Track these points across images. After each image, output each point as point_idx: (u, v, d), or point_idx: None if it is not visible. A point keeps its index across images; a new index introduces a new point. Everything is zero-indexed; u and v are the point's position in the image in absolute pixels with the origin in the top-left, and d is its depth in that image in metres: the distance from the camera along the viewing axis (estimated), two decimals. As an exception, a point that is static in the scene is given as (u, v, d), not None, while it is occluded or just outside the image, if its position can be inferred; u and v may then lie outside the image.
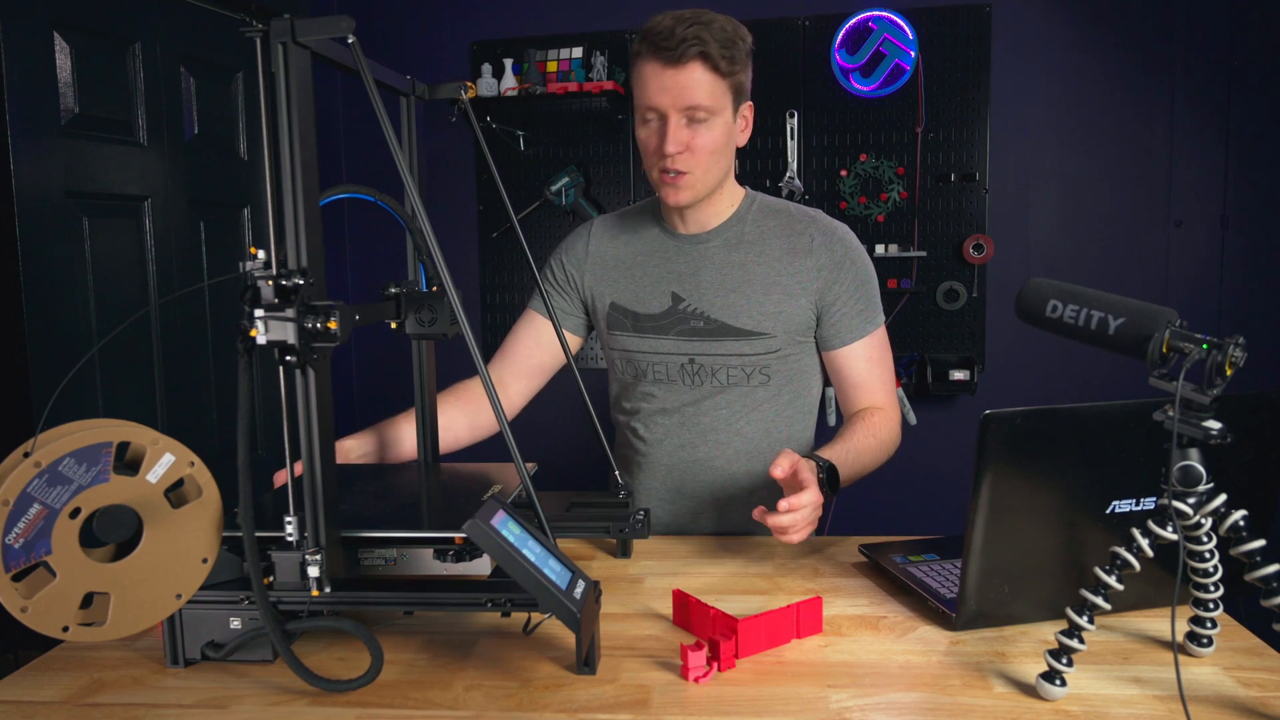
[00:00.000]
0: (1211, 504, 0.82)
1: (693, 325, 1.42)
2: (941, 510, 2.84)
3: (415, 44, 3.14)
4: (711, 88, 1.27)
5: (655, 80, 1.27)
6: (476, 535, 0.85)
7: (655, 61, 1.27)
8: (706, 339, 1.41)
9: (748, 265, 1.40)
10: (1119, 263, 2.86)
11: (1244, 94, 2.73)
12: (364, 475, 1.20)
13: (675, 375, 1.44)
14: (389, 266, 3.15)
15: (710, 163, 1.32)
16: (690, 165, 1.31)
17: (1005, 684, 0.89)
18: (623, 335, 1.47)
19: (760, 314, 1.39)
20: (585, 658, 0.91)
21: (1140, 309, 0.82)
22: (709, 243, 1.42)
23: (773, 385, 1.43)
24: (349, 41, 0.87)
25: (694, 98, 1.26)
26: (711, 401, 1.43)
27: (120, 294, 2.18)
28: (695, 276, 1.42)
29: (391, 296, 1.11)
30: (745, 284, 1.40)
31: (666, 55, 1.25)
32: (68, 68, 2.03)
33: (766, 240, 1.41)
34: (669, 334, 1.43)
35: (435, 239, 0.96)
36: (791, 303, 1.39)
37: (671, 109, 1.27)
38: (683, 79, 1.26)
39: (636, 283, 1.46)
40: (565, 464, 1.60)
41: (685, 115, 1.28)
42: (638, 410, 1.50)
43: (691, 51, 1.24)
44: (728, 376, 1.42)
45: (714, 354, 1.41)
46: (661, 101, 1.27)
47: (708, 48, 1.24)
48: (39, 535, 0.79)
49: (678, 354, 1.43)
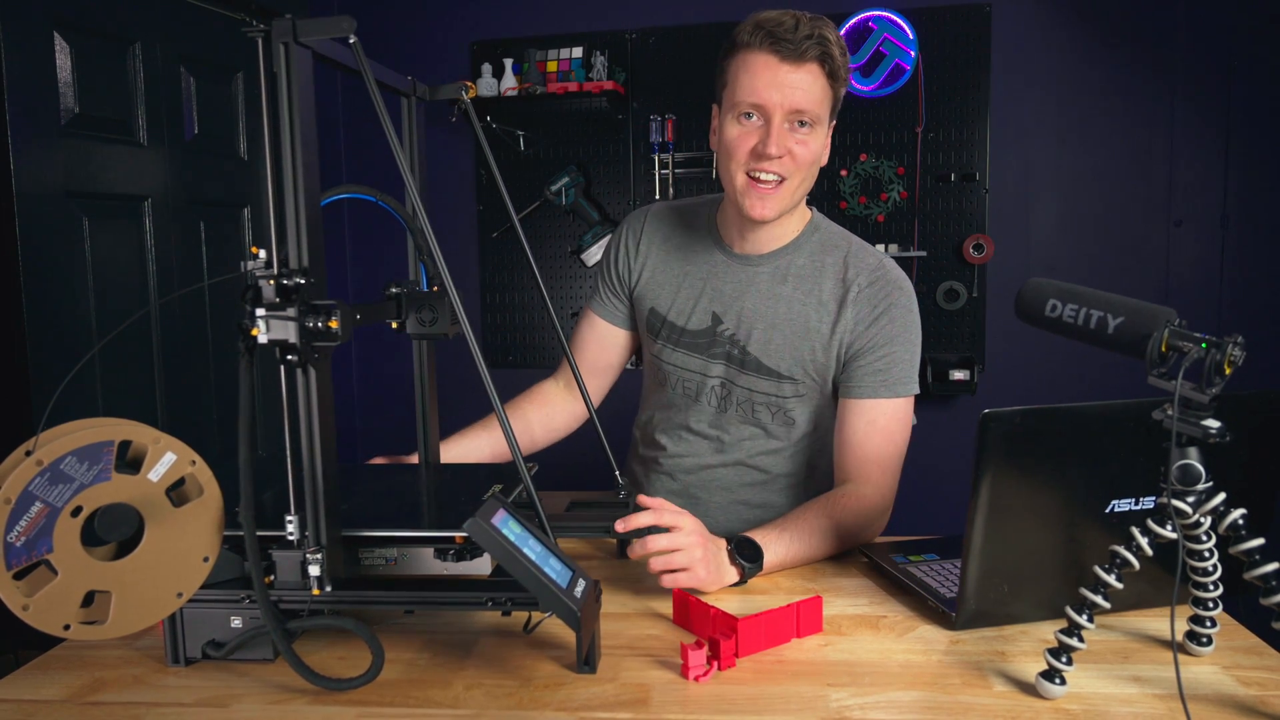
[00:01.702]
0: (1210, 503, 0.82)
1: (728, 351, 1.37)
2: (941, 510, 2.83)
3: (415, 44, 3.14)
4: (823, 93, 1.20)
5: (767, 74, 1.18)
6: (477, 534, 0.85)
7: (770, 55, 1.17)
8: (738, 369, 1.37)
9: (791, 302, 1.34)
10: (1119, 263, 2.86)
11: (1244, 94, 2.73)
12: (365, 475, 1.20)
13: (706, 395, 1.41)
14: (389, 266, 3.15)
15: (805, 175, 1.25)
16: (788, 172, 1.22)
17: (1005, 683, 0.89)
18: (661, 344, 1.43)
19: (792, 359, 1.34)
20: (585, 657, 0.91)
21: (1139, 308, 0.82)
22: (759, 268, 1.35)
23: (797, 427, 1.39)
24: (350, 41, 0.87)
25: (806, 100, 1.19)
26: (737, 430, 1.41)
27: (120, 294, 2.18)
28: (738, 301, 1.36)
29: (392, 296, 1.12)
30: (784, 323, 1.34)
31: (787, 50, 1.16)
32: (68, 68, 2.03)
33: (816, 279, 1.34)
34: (705, 354, 1.39)
35: (435, 239, 0.96)
36: (824, 354, 1.33)
37: (779, 109, 1.19)
38: (798, 79, 1.18)
39: (682, 295, 1.40)
40: (568, 465, 1.60)
41: (790, 118, 1.20)
42: (664, 420, 1.47)
43: (814, 51, 1.17)
44: (753, 409, 1.38)
45: (743, 385, 1.38)
46: (770, 99, 1.18)
47: (829, 49, 1.18)
48: (40, 533, 0.79)
49: (711, 376, 1.39)
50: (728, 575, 1.11)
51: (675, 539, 1.06)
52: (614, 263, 1.48)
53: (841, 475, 1.34)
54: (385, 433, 3.23)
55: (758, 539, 1.15)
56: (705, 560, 1.07)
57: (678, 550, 1.06)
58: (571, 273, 3.14)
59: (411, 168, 1.22)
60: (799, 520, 1.22)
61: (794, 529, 1.20)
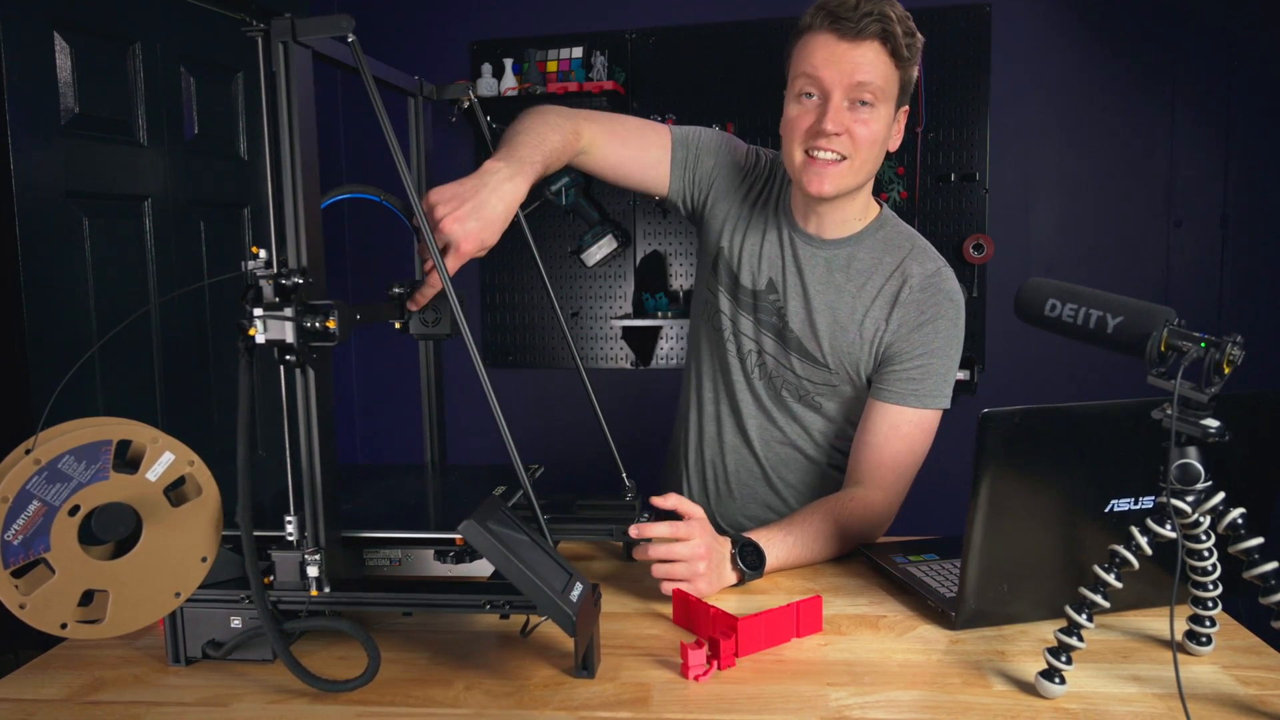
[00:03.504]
0: (1210, 502, 0.82)
1: (772, 321, 1.36)
2: (941, 510, 2.83)
3: (415, 44, 3.14)
4: (885, 71, 1.17)
5: (824, 51, 1.16)
6: (472, 536, 0.84)
7: (829, 33, 1.16)
8: (776, 340, 1.36)
9: (842, 293, 1.31)
10: (1119, 262, 2.86)
11: (1244, 94, 2.73)
12: (368, 475, 1.20)
13: (744, 358, 1.39)
14: (390, 266, 3.15)
15: (866, 156, 1.21)
16: (848, 151, 1.19)
17: (1005, 682, 0.89)
18: (721, 290, 1.40)
19: (830, 347, 1.32)
20: (584, 661, 0.91)
21: (1138, 308, 0.82)
22: (819, 250, 1.32)
23: (823, 413, 1.38)
24: (349, 40, 0.87)
25: (865, 75, 1.15)
26: (762, 401, 1.40)
27: (120, 294, 2.18)
28: (795, 275, 1.34)
29: (395, 296, 1.12)
30: (830, 310, 1.32)
31: (845, 28, 1.14)
32: (68, 68, 2.03)
33: (871, 276, 1.31)
34: (752, 315, 1.37)
35: (436, 239, 0.96)
36: (863, 348, 1.31)
37: (837, 86, 1.16)
38: (857, 55, 1.15)
39: (749, 245, 1.37)
40: (577, 466, 1.60)
41: (850, 97, 1.17)
42: (712, 369, 1.44)
43: (873, 28, 1.14)
44: (781, 385, 1.37)
45: (778, 359, 1.36)
46: (828, 75, 1.16)
47: (891, 26, 1.14)
48: (38, 532, 0.79)
49: (752, 339, 1.38)
50: (727, 579, 1.12)
51: (679, 550, 1.07)
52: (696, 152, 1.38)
53: (854, 476, 1.32)
54: (385, 433, 3.23)
55: (761, 540, 1.15)
56: (707, 574, 1.08)
57: (681, 562, 1.07)
58: (572, 273, 3.14)
59: (418, 167, 1.22)
60: (804, 522, 1.21)
61: (799, 531, 1.20)
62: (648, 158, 1.35)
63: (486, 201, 1.05)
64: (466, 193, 1.04)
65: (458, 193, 1.03)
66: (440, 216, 1.01)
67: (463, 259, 1.03)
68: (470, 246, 1.02)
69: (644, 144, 1.36)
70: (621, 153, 1.33)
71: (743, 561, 1.12)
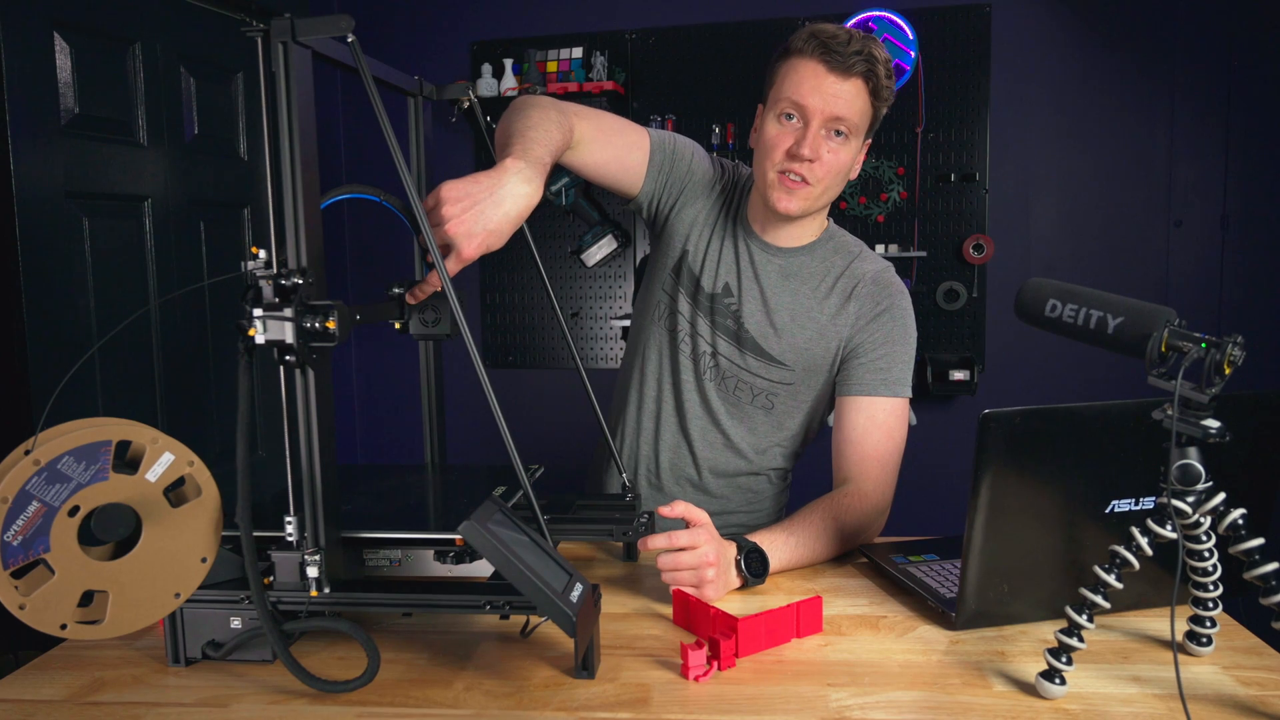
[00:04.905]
0: (1210, 502, 0.82)
1: (727, 324, 1.39)
2: (941, 510, 2.84)
3: (415, 44, 3.14)
4: (863, 108, 1.25)
5: (813, 80, 1.23)
6: (472, 537, 0.84)
7: (819, 63, 1.23)
8: (731, 342, 1.39)
9: (798, 294, 1.38)
10: (1119, 263, 2.86)
11: (1244, 94, 2.73)
12: (368, 475, 1.20)
13: (699, 358, 1.42)
14: (390, 266, 3.15)
15: (830, 183, 1.29)
16: (815, 177, 1.27)
17: (1005, 683, 0.89)
18: (682, 293, 1.43)
19: (788, 346, 1.37)
20: (584, 661, 0.91)
21: (1139, 308, 0.82)
22: (773, 259, 1.39)
23: (774, 414, 1.41)
24: (348, 40, 0.87)
25: (846, 110, 1.23)
26: (710, 400, 1.43)
27: (120, 294, 2.18)
28: (751, 279, 1.39)
29: (395, 297, 1.11)
30: (788, 309, 1.38)
31: (835, 61, 1.22)
32: (68, 68, 2.04)
33: (824, 277, 1.38)
34: (708, 318, 1.41)
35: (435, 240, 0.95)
36: (821, 343, 1.36)
37: (818, 114, 1.24)
38: (841, 89, 1.23)
39: (710, 248, 1.41)
40: (577, 466, 1.60)
41: (828, 126, 1.25)
42: (658, 369, 1.46)
43: (860, 66, 1.22)
44: (736, 386, 1.41)
45: (732, 360, 1.40)
46: (812, 103, 1.23)
47: (876, 68, 1.23)
48: (37, 533, 0.79)
49: (708, 341, 1.41)
50: (733, 584, 1.14)
51: (685, 559, 1.08)
52: (671, 156, 1.40)
53: (842, 474, 1.35)
54: (385, 433, 3.23)
55: (764, 542, 1.17)
56: (714, 581, 1.09)
57: (689, 570, 1.08)
58: (572, 273, 3.14)
59: (419, 167, 1.22)
60: (805, 523, 1.23)
61: (800, 532, 1.22)
62: (629, 159, 1.38)
63: (500, 205, 1.01)
64: (480, 193, 1.00)
65: (470, 191, 0.99)
66: (447, 217, 0.98)
67: (464, 263, 1.01)
68: (473, 252, 0.99)
69: (626, 144, 1.38)
70: (606, 152, 1.35)
71: (748, 569, 1.13)
